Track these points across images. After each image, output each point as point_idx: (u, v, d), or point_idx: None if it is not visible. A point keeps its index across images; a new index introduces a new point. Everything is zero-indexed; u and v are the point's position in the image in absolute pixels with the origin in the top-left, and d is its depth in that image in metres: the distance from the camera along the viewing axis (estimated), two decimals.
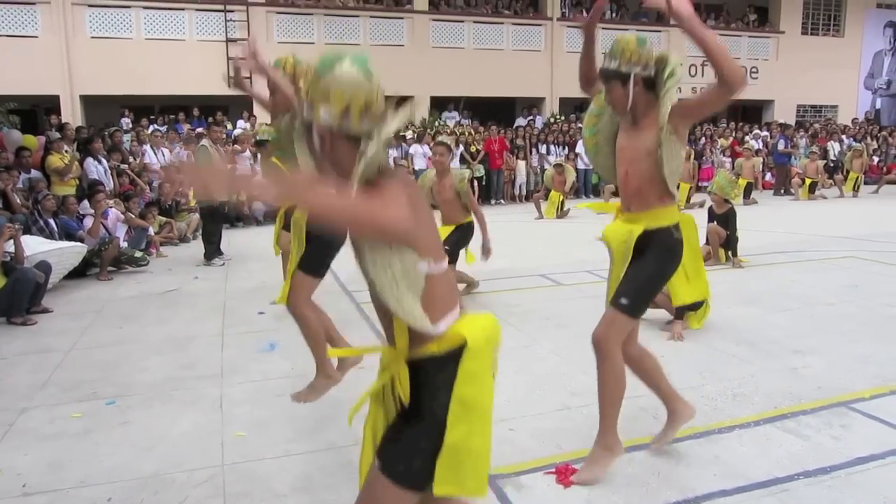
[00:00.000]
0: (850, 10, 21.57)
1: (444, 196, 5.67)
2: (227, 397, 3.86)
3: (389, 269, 1.56)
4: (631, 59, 2.65)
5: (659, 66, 2.69)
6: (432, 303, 1.61)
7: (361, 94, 1.58)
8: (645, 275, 2.77)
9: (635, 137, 2.75)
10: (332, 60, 1.59)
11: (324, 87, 1.57)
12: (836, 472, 2.93)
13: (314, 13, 15.92)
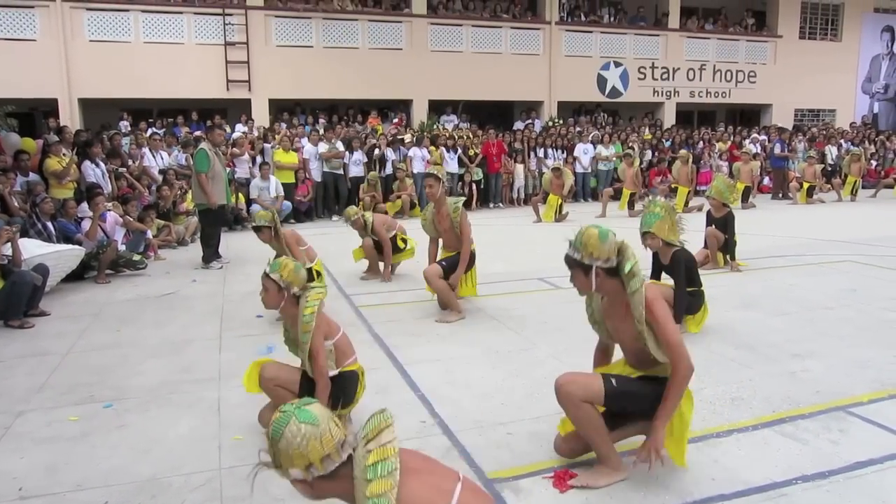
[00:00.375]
0: (848, 14, 21.64)
1: (444, 225, 5.67)
2: (225, 401, 3.85)
3: None
4: (592, 253, 2.84)
5: (620, 256, 2.85)
6: None
7: (317, 444, 1.75)
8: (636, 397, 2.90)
9: (618, 319, 2.95)
10: (281, 425, 1.76)
11: (283, 452, 1.76)
12: (834, 477, 2.93)
13: (313, 17, 15.94)
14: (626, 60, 18.93)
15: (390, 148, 13.74)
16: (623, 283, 2.84)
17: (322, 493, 1.84)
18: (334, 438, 1.78)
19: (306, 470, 1.76)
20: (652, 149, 16.65)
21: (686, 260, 5.09)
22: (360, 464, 1.75)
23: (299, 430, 1.75)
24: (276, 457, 1.78)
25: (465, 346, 4.83)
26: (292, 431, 1.75)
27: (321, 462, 1.76)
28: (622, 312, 2.89)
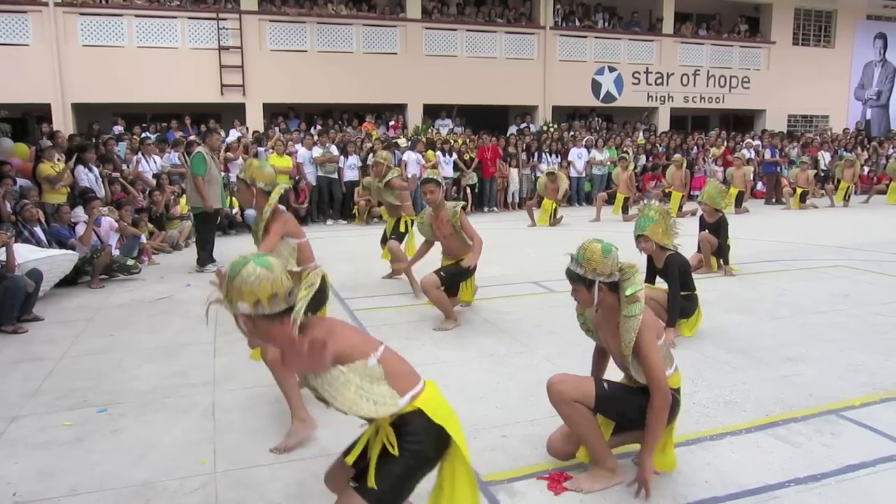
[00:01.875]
0: (841, 21, 21.80)
1: (444, 231, 5.54)
2: (220, 405, 3.85)
3: (351, 385, 2.03)
4: (595, 269, 2.82)
5: (623, 274, 2.85)
6: (395, 379, 2.10)
7: (267, 286, 2.03)
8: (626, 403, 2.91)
9: (609, 334, 2.96)
10: (238, 266, 2.05)
11: (236, 288, 2.04)
12: (826, 480, 2.95)
13: (307, 21, 15.96)
14: (621, 65, 19.01)
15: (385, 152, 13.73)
16: (620, 301, 2.84)
17: (261, 334, 2.12)
18: (284, 286, 2.06)
19: (254, 306, 2.03)
20: (646, 153, 16.72)
21: (680, 264, 5.11)
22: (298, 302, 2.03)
23: (255, 271, 2.03)
24: (228, 293, 2.05)
25: (459, 349, 4.84)
26: (248, 271, 2.03)
27: (268, 301, 2.03)
28: (613, 329, 2.89)
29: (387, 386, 2.05)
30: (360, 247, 9.83)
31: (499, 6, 18.60)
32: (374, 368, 2.05)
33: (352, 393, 2.01)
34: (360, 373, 2.03)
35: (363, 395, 2.01)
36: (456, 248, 5.53)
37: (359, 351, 2.05)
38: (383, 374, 2.06)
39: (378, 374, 2.05)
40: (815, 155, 17.83)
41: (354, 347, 2.06)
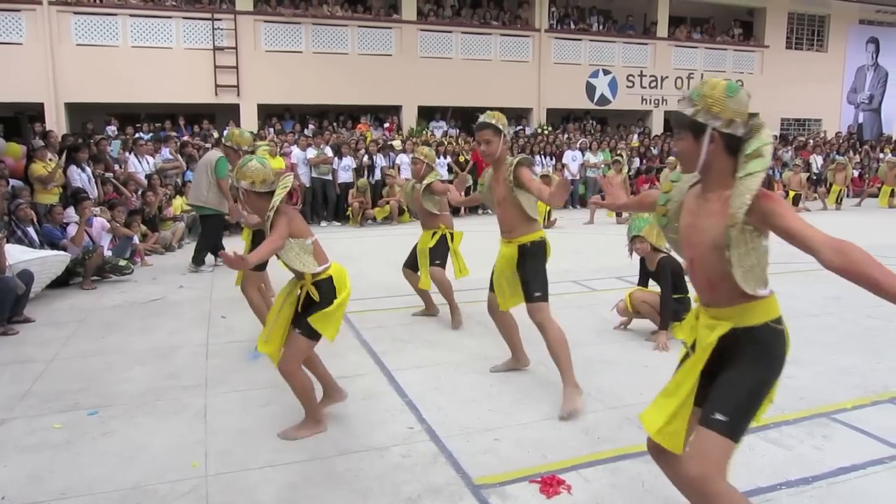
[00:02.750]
0: (834, 25, 21.92)
1: (499, 194, 4.06)
2: (212, 407, 3.83)
3: (293, 250, 3.27)
4: (712, 109, 2.03)
5: (750, 130, 2.06)
6: (317, 256, 3.35)
7: (261, 174, 3.37)
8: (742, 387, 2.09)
9: (702, 217, 2.13)
10: (246, 160, 3.42)
11: (243, 171, 3.38)
12: (817, 483, 2.95)
13: (302, 22, 15.95)
14: (615, 68, 19.06)
15: (380, 154, 13.75)
16: (735, 167, 2.05)
17: (253, 205, 3.45)
18: (269, 178, 3.37)
19: (251, 184, 3.35)
20: (640, 156, 16.76)
21: (672, 266, 5.12)
22: None
23: (254, 163, 3.38)
24: (240, 174, 3.37)
25: (452, 351, 4.84)
26: (250, 164, 3.38)
27: (260, 183, 3.35)
28: (714, 209, 2.07)
29: (311, 258, 3.29)
30: (353, 249, 9.83)
31: (494, 9, 18.63)
32: (308, 246, 3.29)
33: (292, 255, 3.24)
34: (300, 245, 3.27)
35: (299, 259, 3.25)
36: (511, 219, 4.00)
37: (302, 233, 3.31)
38: (311, 251, 3.30)
39: (309, 250, 3.29)
40: (808, 158, 17.92)
41: (301, 230, 3.31)
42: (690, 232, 2.18)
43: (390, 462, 3.14)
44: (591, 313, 5.89)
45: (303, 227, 3.33)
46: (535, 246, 3.96)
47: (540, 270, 3.95)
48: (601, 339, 5.21)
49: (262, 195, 3.34)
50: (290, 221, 3.23)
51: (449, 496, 2.83)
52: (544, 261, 4.00)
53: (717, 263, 2.08)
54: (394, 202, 13.04)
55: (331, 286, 3.32)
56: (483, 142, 3.99)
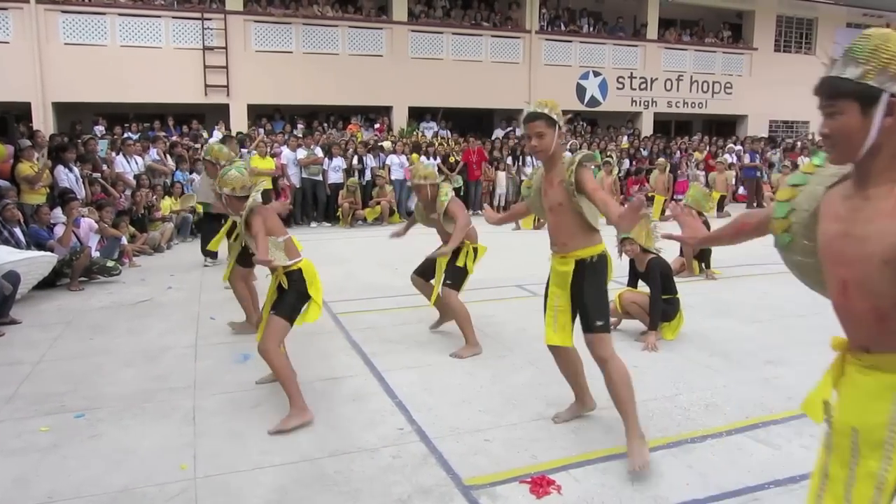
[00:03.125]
0: (822, 28, 22.07)
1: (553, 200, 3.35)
2: (200, 409, 3.81)
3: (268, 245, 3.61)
4: (889, 67, 1.47)
5: None
6: (288, 252, 3.69)
7: (240, 181, 3.97)
8: None
9: (862, 223, 1.53)
10: (227, 169, 4.06)
11: (223, 179, 3.99)
12: (805, 482, 2.94)
13: (292, 22, 15.90)
14: (605, 70, 19.12)
15: (370, 154, 13.73)
16: None
17: (233, 207, 4.00)
18: (247, 184, 3.99)
19: (231, 190, 3.95)
20: (630, 158, 16.83)
21: (661, 267, 5.15)
22: None
23: (234, 173, 3.99)
24: (222, 182, 3.97)
25: (442, 352, 4.83)
26: (230, 174, 3.98)
27: (240, 189, 3.95)
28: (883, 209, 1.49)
29: (283, 253, 3.65)
30: (343, 250, 9.81)
31: (484, 10, 18.64)
32: (280, 243, 3.67)
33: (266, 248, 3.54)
34: (273, 242, 3.62)
35: (271, 253, 3.56)
36: (567, 229, 3.29)
37: (277, 231, 3.73)
38: (283, 247, 3.67)
39: (281, 246, 3.65)
40: (796, 160, 18.03)
41: (275, 228, 3.73)
42: (842, 245, 1.56)
43: (380, 463, 3.13)
44: None
45: (276, 225, 3.78)
46: (598, 262, 3.26)
47: (602, 292, 3.26)
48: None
49: (242, 199, 3.93)
50: (266, 220, 3.68)
51: (439, 497, 2.82)
52: (606, 280, 3.31)
53: (890, 284, 1.47)
54: (384, 202, 13.02)
55: (300, 277, 3.67)
56: (534, 135, 3.23)
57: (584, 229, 3.25)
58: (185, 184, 11.45)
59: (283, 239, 3.69)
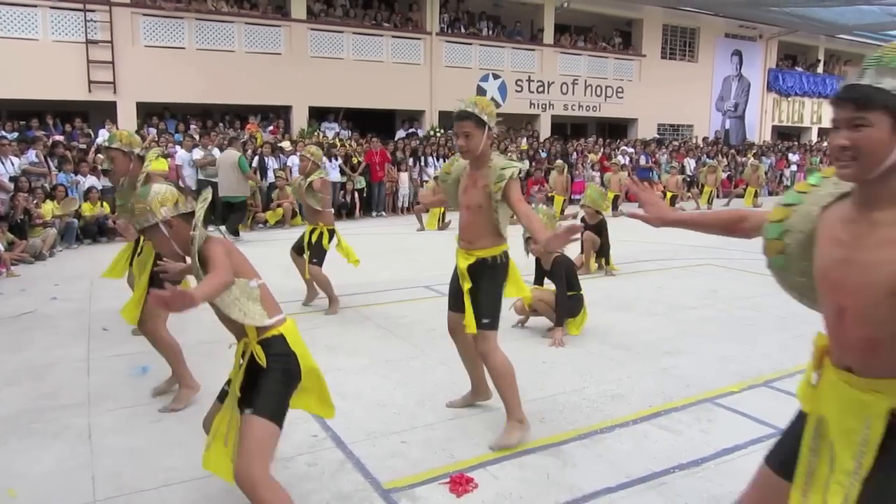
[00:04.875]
0: (703, 38, 23.54)
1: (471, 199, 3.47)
2: (97, 426, 3.57)
3: (231, 293, 2.38)
4: None
5: None
6: (266, 304, 2.48)
7: (172, 194, 2.58)
8: None
9: (867, 249, 1.48)
10: (146, 189, 2.60)
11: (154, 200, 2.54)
12: (706, 464, 3.15)
13: (185, 17, 15.22)
14: (504, 73, 19.54)
15: (271, 156, 13.37)
16: None
17: (180, 238, 2.53)
18: (176, 194, 2.59)
19: (174, 206, 2.54)
20: (530, 159, 17.27)
21: (566, 266, 5.31)
22: None
23: (160, 187, 2.60)
24: (148, 207, 2.51)
25: (353, 356, 4.77)
26: (155, 188, 2.59)
27: (182, 202, 2.57)
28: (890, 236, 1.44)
29: (259, 307, 2.43)
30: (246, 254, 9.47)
31: (385, 10, 18.59)
32: (253, 289, 2.44)
33: (230, 300, 2.37)
34: (241, 288, 2.41)
35: (237, 305, 2.39)
36: (477, 229, 3.41)
37: (245, 271, 2.48)
38: (259, 296, 2.45)
39: (255, 295, 2.44)
40: (682, 161, 19.14)
41: (243, 266, 2.48)
42: (844, 272, 1.51)
43: (296, 472, 3.04)
44: None
45: (244, 263, 2.52)
46: (498, 262, 3.39)
47: (495, 293, 3.40)
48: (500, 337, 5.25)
49: (187, 217, 2.53)
50: (229, 253, 2.43)
51: (359, 502, 2.78)
52: (503, 281, 3.45)
53: (892, 316, 1.44)
54: (286, 204, 12.71)
55: (284, 347, 2.44)
56: (462, 135, 3.28)
57: (493, 232, 3.38)
58: (70, 186, 10.70)
59: (256, 284, 2.46)
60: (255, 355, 2.41)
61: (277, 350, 2.44)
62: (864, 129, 1.43)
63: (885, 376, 1.48)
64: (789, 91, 25.87)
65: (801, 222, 1.67)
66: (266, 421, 2.35)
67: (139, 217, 2.52)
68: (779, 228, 1.72)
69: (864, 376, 1.52)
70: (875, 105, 1.42)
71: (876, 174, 1.45)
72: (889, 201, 1.46)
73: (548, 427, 3.55)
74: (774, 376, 4.34)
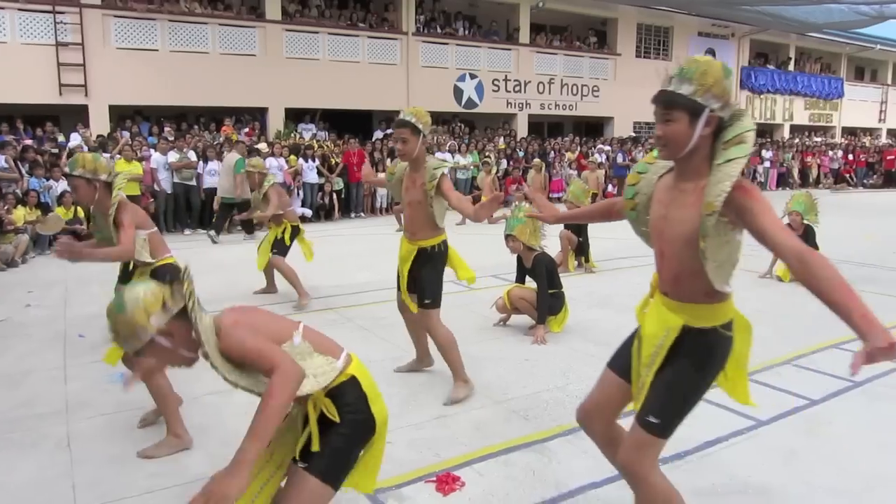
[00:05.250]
0: (677, 36, 23.80)
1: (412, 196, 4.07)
2: (76, 435, 3.51)
3: None
4: (712, 89, 1.94)
5: (731, 116, 2.00)
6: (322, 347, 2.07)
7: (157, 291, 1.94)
8: (679, 389, 2.15)
9: (675, 208, 2.05)
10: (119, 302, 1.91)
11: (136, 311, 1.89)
12: (689, 457, 3.18)
13: (157, 18, 15.02)
14: (481, 72, 19.58)
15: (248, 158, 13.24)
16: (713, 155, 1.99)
17: (183, 339, 1.93)
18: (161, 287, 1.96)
19: (164, 309, 1.91)
20: (507, 158, 17.34)
21: (547, 263, 5.34)
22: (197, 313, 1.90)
23: (136, 290, 1.92)
24: (130, 324, 1.87)
25: None
26: (131, 295, 1.90)
27: (171, 300, 1.93)
28: (689, 200, 2.00)
29: (320, 356, 2.01)
30: (224, 256, 9.41)
31: (360, 10, 18.53)
32: (300, 346, 1.99)
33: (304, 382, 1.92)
34: (296, 354, 1.96)
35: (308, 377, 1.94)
36: (419, 223, 3.98)
37: (283, 333, 2.00)
38: (311, 347, 2.01)
39: (307, 350, 2.00)
40: None
41: (279, 331, 2.00)
42: (662, 224, 2.10)
43: None
44: (471, 312, 6.00)
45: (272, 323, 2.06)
46: (436, 250, 4.01)
47: (436, 277, 3.98)
48: (483, 336, 5.33)
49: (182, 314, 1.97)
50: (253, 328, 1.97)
51: (346, 503, 2.77)
52: (443, 267, 4.05)
53: (689, 258, 2.00)
54: None
55: (357, 392, 2.09)
56: (399, 140, 3.83)
57: (432, 225, 3.96)
58: (42, 191, 10.51)
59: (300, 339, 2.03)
60: (326, 411, 2.00)
61: (350, 399, 2.04)
62: (671, 123, 1.97)
63: (684, 300, 2.09)
64: (762, 88, 26.24)
65: (646, 186, 2.24)
66: (318, 482, 1.99)
67: (129, 341, 1.90)
68: (633, 191, 2.29)
69: (671, 299, 2.13)
70: (677, 105, 1.95)
71: (681, 155, 1.99)
72: (691, 175, 2.01)
73: (532, 424, 3.57)
74: (754, 369, 4.38)
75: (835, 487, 2.91)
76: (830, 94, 28.40)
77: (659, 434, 2.14)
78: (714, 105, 1.94)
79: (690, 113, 1.94)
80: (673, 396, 2.13)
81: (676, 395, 2.13)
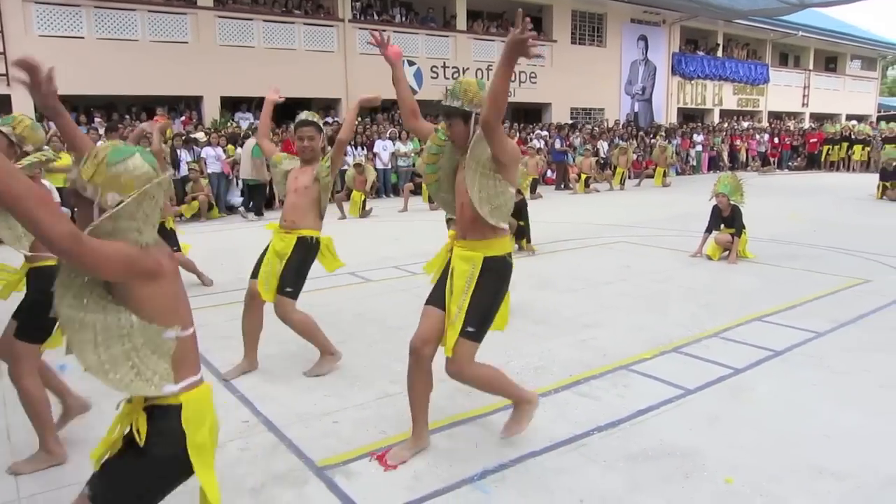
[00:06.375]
0: (610, 23, 24.30)
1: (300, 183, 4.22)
2: (15, 426, 3.44)
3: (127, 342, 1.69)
4: (473, 100, 2.84)
5: None
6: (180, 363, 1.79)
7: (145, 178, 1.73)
8: (486, 302, 2.88)
9: (462, 171, 2.92)
10: (124, 152, 1.73)
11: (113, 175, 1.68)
12: (622, 425, 3.37)
13: (81, 4, 14.45)
14: (420, 59, 19.57)
15: (184, 148, 12.95)
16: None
17: None
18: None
19: None
20: None
21: None
22: None
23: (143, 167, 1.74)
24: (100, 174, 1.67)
25: (281, 343, 4.76)
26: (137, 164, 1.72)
27: None
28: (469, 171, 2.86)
29: (166, 364, 1.73)
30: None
31: None
32: (167, 341, 1.74)
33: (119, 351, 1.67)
34: (147, 335, 1.70)
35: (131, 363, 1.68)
36: (300, 211, 4.10)
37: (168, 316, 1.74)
38: (171, 349, 1.75)
39: (166, 349, 1.73)
40: (596, 144, 19.78)
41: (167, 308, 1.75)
42: (462, 184, 2.91)
43: (228, 458, 3.04)
44: (413, 296, 6.07)
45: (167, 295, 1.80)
46: (313, 243, 4.12)
47: (303, 268, 4.09)
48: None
49: None
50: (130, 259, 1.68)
51: (293, 481, 2.83)
52: (312, 260, 4.16)
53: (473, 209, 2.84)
54: (202, 197, 12.38)
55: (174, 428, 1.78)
56: (306, 138, 4.13)
57: (315, 215, 4.14)
58: None
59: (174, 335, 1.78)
60: (135, 430, 1.75)
61: (165, 428, 1.75)
62: (454, 126, 2.91)
63: (478, 239, 2.90)
64: (692, 74, 27.09)
65: (448, 162, 3.05)
66: None
67: None
68: (434, 168, 3.10)
69: (469, 239, 2.93)
70: (454, 114, 2.88)
71: (466, 144, 2.86)
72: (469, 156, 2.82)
73: (475, 400, 3.68)
74: (684, 342, 4.65)
75: (753, 446, 3.13)
76: (757, 79, 29.56)
77: (475, 339, 2.90)
78: (476, 110, 2.82)
79: (464, 117, 2.87)
80: (483, 310, 2.88)
81: (486, 308, 2.89)
